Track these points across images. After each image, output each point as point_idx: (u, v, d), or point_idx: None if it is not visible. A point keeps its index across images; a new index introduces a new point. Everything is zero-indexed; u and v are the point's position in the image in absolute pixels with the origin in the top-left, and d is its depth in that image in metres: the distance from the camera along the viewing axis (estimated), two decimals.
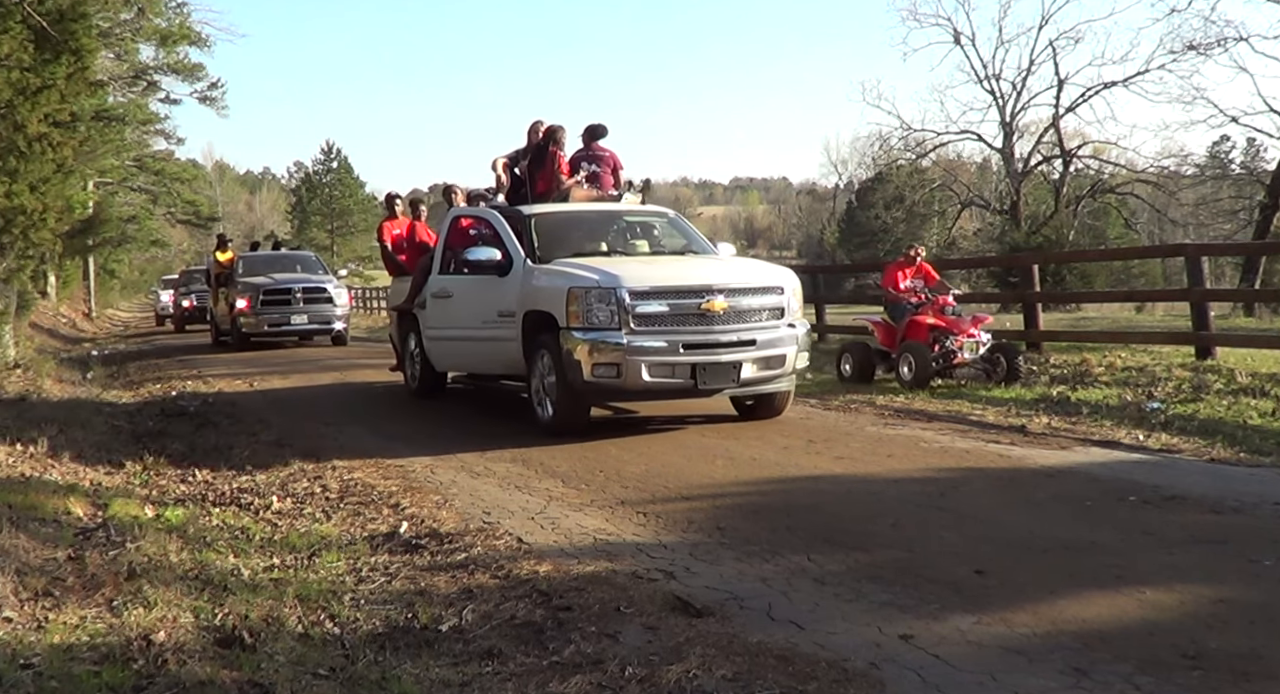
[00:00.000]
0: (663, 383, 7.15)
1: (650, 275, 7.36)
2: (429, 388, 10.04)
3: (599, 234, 8.84)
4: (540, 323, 7.59)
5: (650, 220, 9.30)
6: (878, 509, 5.28)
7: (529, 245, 8.18)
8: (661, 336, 7.12)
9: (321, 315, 18.73)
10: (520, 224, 8.45)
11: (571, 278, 7.34)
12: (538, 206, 8.94)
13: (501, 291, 8.14)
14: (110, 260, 43.59)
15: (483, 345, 8.51)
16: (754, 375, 7.36)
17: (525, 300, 7.84)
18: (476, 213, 9.26)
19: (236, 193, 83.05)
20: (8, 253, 12.28)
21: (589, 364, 7.07)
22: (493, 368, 8.79)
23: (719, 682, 3.17)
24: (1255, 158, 42.42)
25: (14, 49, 11.06)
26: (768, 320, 7.48)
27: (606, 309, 7.07)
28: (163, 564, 4.41)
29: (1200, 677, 3.11)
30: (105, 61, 25.09)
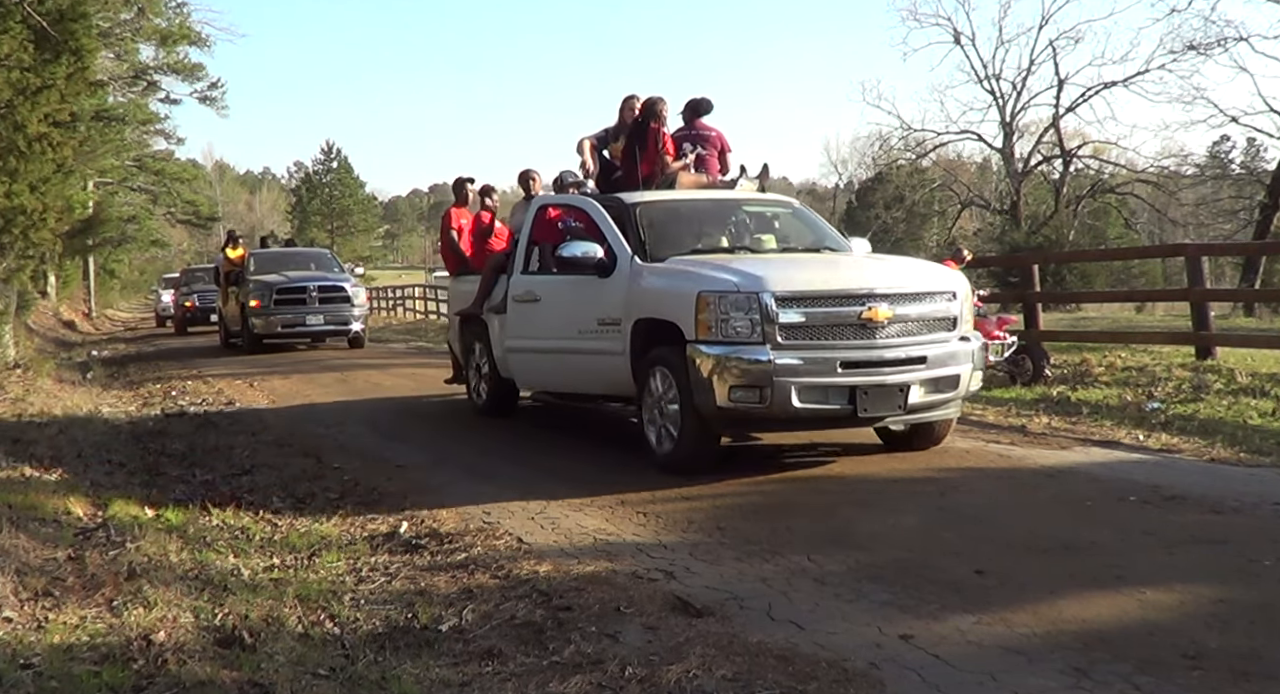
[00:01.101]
0: (815, 409, 5.82)
1: (798, 277, 6.07)
2: (498, 405, 8.64)
3: (717, 227, 7.55)
4: (656, 334, 6.31)
5: (773, 211, 7.99)
6: (878, 509, 5.28)
7: (636, 240, 6.82)
8: (814, 352, 5.81)
9: (338, 316, 17.46)
10: (623, 215, 7.05)
11: (701, 279, 6.06)
12: (642, 194, 7.50)
13: (603, 295, 6.76)
14: (110, 260, 43.61)
15: (578, 360, 7.08)
16: (923, 400, 6.02)
17: (635, 306, 6.52)
18: (568, 202, 7.79)
19: (236, 193, 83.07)
20: (8, 253, 12.29)
21: (725, 386, 5.76)
22: (589, 387, 7.32)
23: (719, 682, 3.17)
24: (1255, 158, 42.46)
25: (14, 49, 11.07)
26: (938, 332, 6.14)
27: (746, 318, 5.76)
28: (163, 564, 4.41)
29: (1200, 677, 3.11)
30: (105, 61, 25.11)
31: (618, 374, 6.67)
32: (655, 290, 6.44)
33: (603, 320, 6.77)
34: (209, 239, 62.28)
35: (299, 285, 17.41)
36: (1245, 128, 34.37)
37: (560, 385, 7.64)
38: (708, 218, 7.62)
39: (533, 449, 7.41)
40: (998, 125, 37.77)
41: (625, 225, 6.95)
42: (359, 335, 17.86)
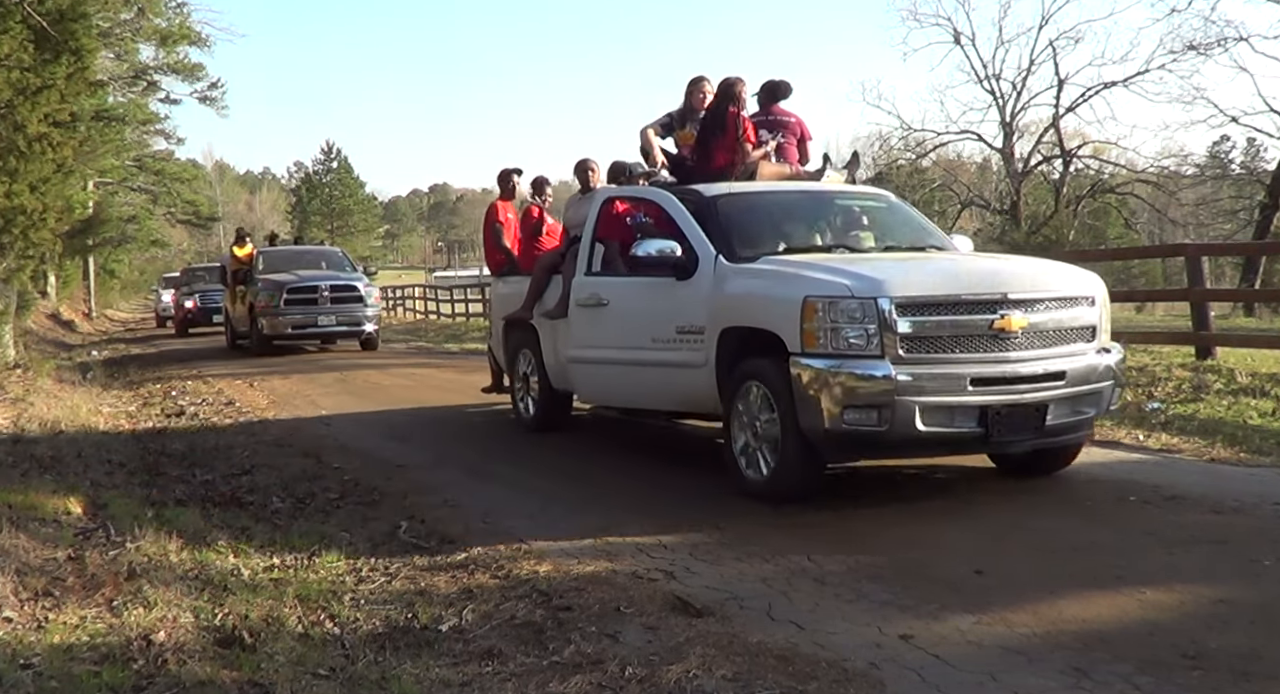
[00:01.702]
0: (941, 433, 5.08)
1: (919, 279, 5.38)
2: (548, 419, 7.90)
3: (808, 223, 6.74)
4: (748, 344, 5.57)
5: (867, 204, 7.08)
6: (876, 508, 5.28)
7: (720, 237, 6.04)
8: (940, 367, 5.08)
9: (351, 316, 16.80)
10: (703, 209, 6.29)
11: (806, 283, 5.28)
12: (723, 186, 6.65)
13: (682, 299, 6.01)
14: (110, 260, 43.60)
15: (651, 372, 6.30)
16: (1061, 421, 5.29)
17: (721, 313, 5.77)
18: (638, 194, 6.97)
19: (236, 193, 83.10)
20: (8, 253, 12.29)
21: (836, 405, 5.01)
22: (664, 403, 6.59)
23: (719, 682, 3.17)
24: (1255, 158, 42.44)
25: (14, 49, 11.07)
26: (1076, 343, 5.40)
27: (862, 327, 5.04)
28: (163, 564, 4.41)
29: (1200, 677, 3.11)
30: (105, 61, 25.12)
31: (699, 389, 5.94)
32: (748, 295, 5.68)
33: (682, 328, 6.02)
34: (209, 239, 62.34)
35: (310, 285, 16.75)
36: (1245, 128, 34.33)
37: (630, 400, 6.85)
38: (798, 213, 6.80)
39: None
40: (998, 125, 37.73)
41: (706, 221, 6.17)
42: (372, 337, 17.29)
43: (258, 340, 16.86)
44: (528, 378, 8.07)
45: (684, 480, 6.19)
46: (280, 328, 16.63)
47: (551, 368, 7.58)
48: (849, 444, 5.24)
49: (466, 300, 28.20)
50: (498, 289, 9.13)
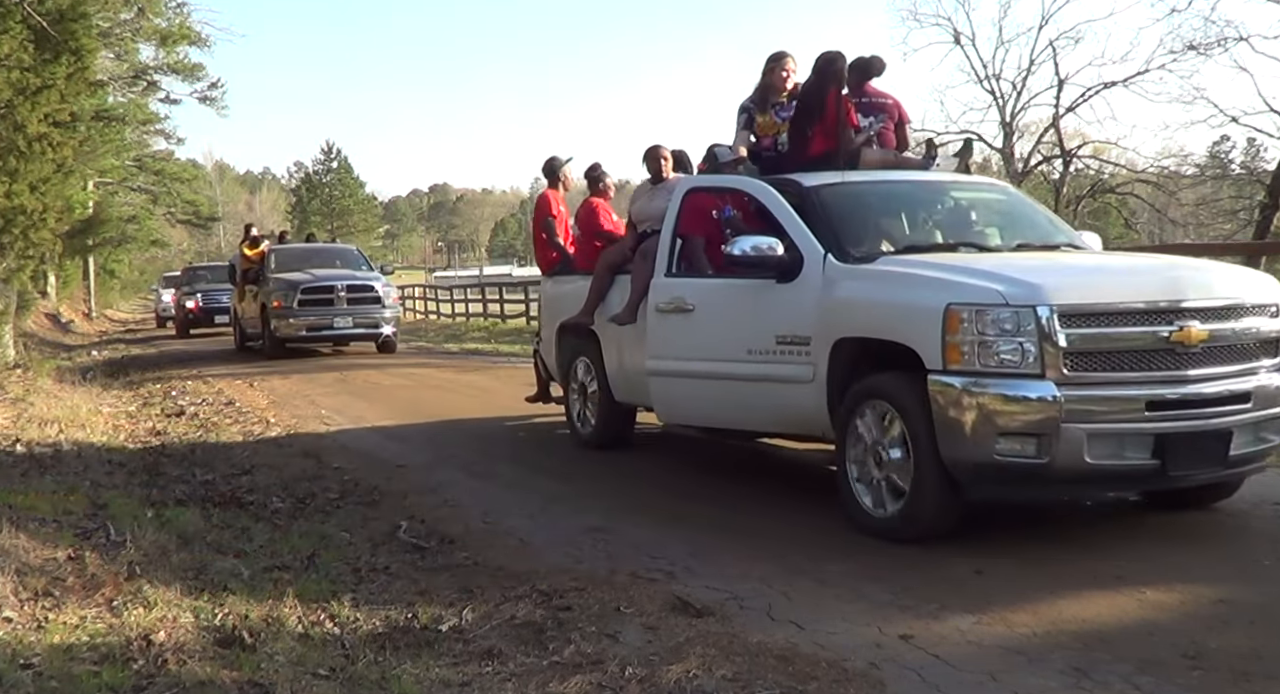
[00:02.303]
0: (1110, 466, 4.32)
1: (1081, 283, 4.65)
2: (609, 435, 7.15)
3: (925, 217, 6.02)
4: (869, 358, 4.87)
5: (987, 196, 6.35)
6: None
7: (828, 233, 5.29)
8: (1110, 388, 4.33)
9: (368, 317, 16.02)
10: (805, 201, 5.51)
11: (948, 287, 4.54)
12: (824, 176, 5.82)
13: (784, 305, 5.28)
14: (110, 260, 43.59)
15: (747, 388, 5.52)
16: (1245, 451, 4.52)
17: (834, 321, 5.03)
18: (726, 185, 6.24)
19: (236, 193, 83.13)
20: (8, 253, 12.29)
21: (988, 433, 4.29)
22: (761, 423, 5.84)
23: (719, 682, 3.17)
24: (1255, 158, 42.36)
25: (14, 49, 11.08)
26: (1260, 359, 4.61)
27: (1017, 340, 4.28)
28: (163, 564, 4.41)
29: (1200, 677, 3.11)
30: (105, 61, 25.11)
31: (804, 408, 5.21)
32: (869, 301, 4.93)
33: (783, 338, 5.27)
34: (209, 239, 62.32)
35: (326, 284, 15.91)
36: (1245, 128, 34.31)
37: (719, 419, 5.98)
38: (911, 206, 6.04)
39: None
40: (998, 125, 37.68)
41: (808, 215, 5.42)
42: (390, 339, 16.46)
43: (270, 343, 16.05)
44: (585, 389, 7.30)
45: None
46: (294, 330, 15.84)
47: (615, 379, 6.86)
48: (1000, 479, 4.40)
49: (466, 300, 28.20)
50: (549, 290, 8.18)
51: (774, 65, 6.47)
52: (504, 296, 26.77)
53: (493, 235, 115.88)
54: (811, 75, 6.15)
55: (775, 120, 6.39)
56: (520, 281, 30.52)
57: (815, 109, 6.09)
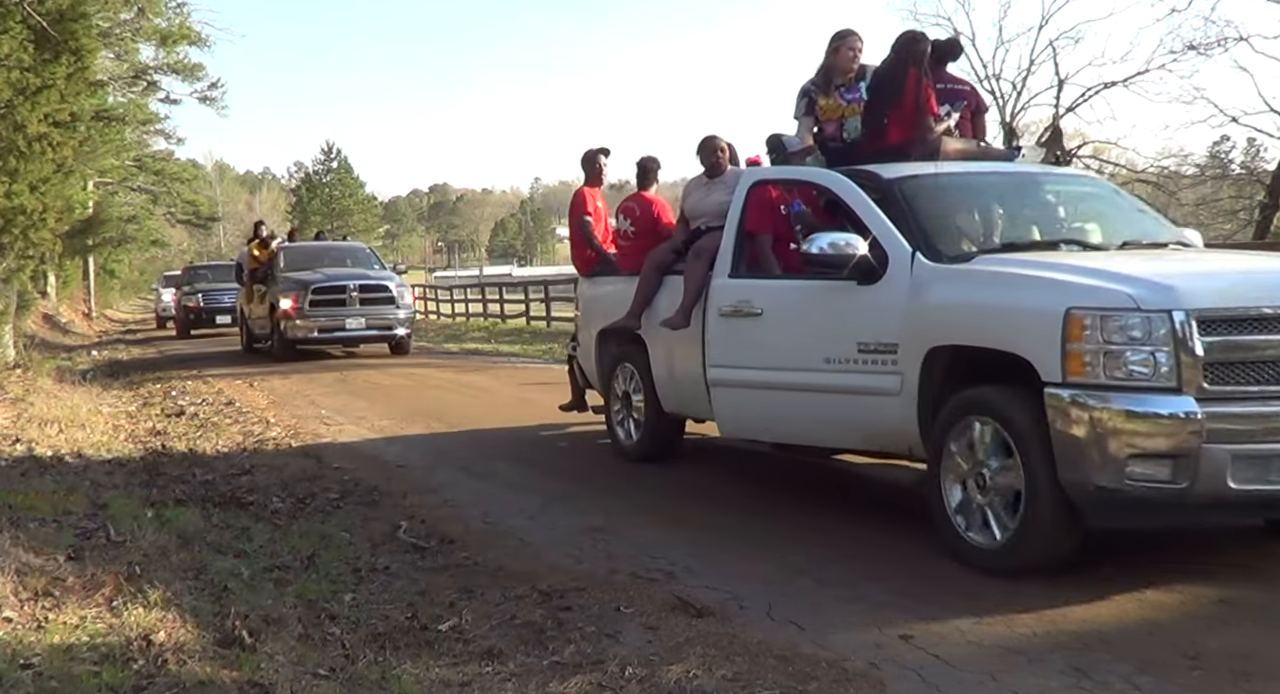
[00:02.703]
0: (1256, 491, 3.82)
1: (1217, 285, 4.13)
2: (656, 447, 6.67)
3: (1018, 212, 5.54)
4: (969, 369, 4.40)
5: (1081, 190, 5.88)
6: (879, 509, 5.28)
7: (914, 230, 4.82)
8: (1256, 403, 3.84)
9: (381, 319, 15.37)
10: (887, 195, 5.06)
11: (1066, 289, 4.08)
12: (905, 167, 5.34)
13: (867, 309, 4.81)
14: (110, 260, 43.59)
15: (824, 400, 5.05)
16: None
17: (927, 326, 4.54)
18: (799, 177, 5.73)
19: (236, 193, 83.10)
20: (8, 253, 12.29)
21: (1117, 455, 3.81)
22: (840, 439, 5.30)
23: (719, 682, 3.17)
24: (1255, 158, 42.32)
25: (14, 49, 11.07)
26: None
27: (1149, 349, 3.82)
28: (163, 564, 4.41)
29: (1200, 677, 3.11)
30: (105, 61, 25.11)
31: (890, 424, 4.73)
32: (970, 305, 4.43)
33: (866, 345, 4.78)
34: (209, 239, 62.31)
35: (338, 284, 15.29)
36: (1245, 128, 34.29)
37: (792, 434, 5.49)
38: (1002, 200, 5.53)
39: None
40: (998, 125, 37.71)
41: (893, 210, 4.96)
42: (404, 341, 15.81)
43: (280, 344, 15.37)
44: (629, 398, 6.81)
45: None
46: (305, 331, 15.17)
47: (663, 387, 6.38)
48: (1129, 505, 3.90)
49: (466, 300, 28.21)
50: (587, 292, 7.65)
51: (839, 44, 6.01)
52: (504, 297, 26.79)
53: (493, 235, 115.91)
54: (889, 56, 5.64)
55: (839, 103, 5.95)
56: (520, 281, 30.55)
57: (892, 94, 5.57)
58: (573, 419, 8.00)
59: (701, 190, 6.52)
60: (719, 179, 6.40)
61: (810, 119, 5.99)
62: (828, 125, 5.97)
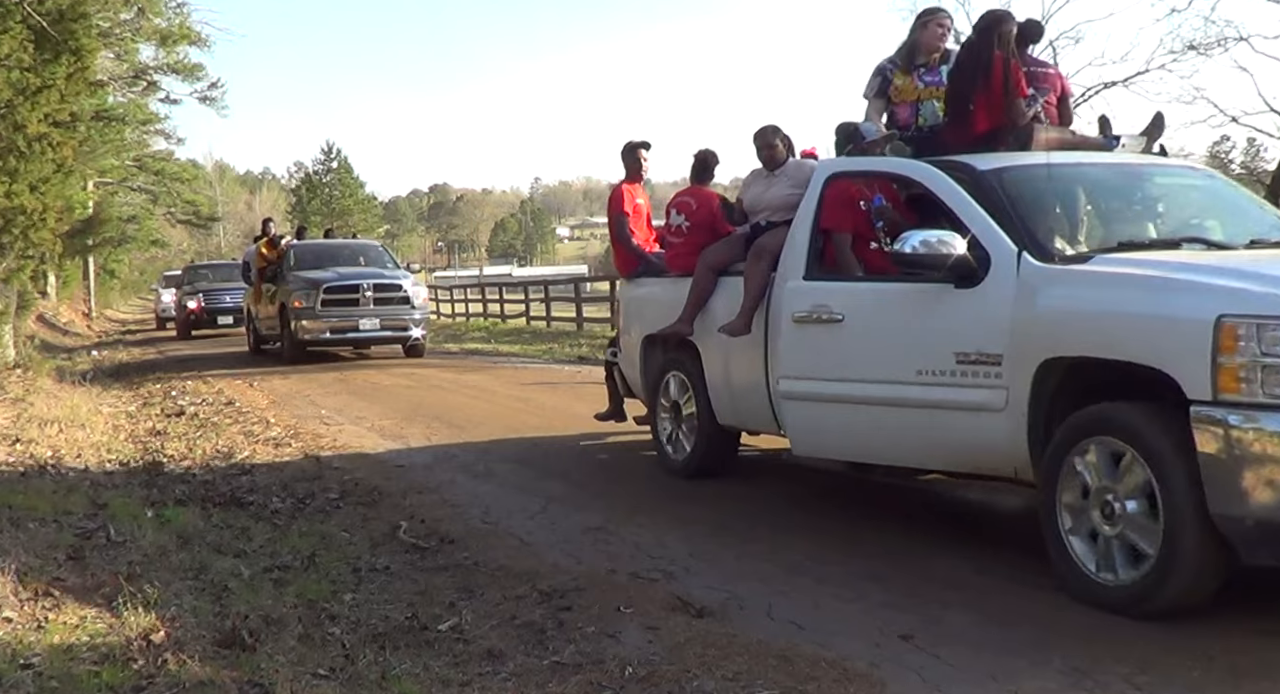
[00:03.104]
0: None
1: None
2: (709, 462, 6.14)
3: (1129, 207, 5.08)
4: (1090, 383, 3.95)
5: (1190, 182, 5.39)
6: (879, 508, 5.28)
7: (1018, 227, 4.33)
8: None
9: (396, 319, 14.76)
10: (983, 188, 4.56)
11: (1214, 294, 3.60)
12: (1001, 158, 4.87)
13: (966, 315, 4.31)
14: (110, 260, 43.61)
15: (916, 416, 4.51)
16: None
17: (1039, 335, 4.04)
18: (884, 169, 5.22)
19: (236, 193, 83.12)
20: (8, 253, 12.29)
21: None
22: (934, 458, 4.69)
23: (719, 682, 3.17)
24: (1255, 158, 42.31)
25: (14, 49, 11.07)
26: None
27: None
28: (163, 564, 4.41)
29: (1200, 677, 3.11)
30: (105, 61, 25.10)
31: (994, 443, 4.22)
32: (1092, 312, 3.93)
33: (966, 356, 4.27)
34: (209, 239, 62.31)
35: (351, 283, 14.66)
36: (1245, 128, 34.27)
37: (877, 453, 4.91)
38: (1112, 193, 5.05)
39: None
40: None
41: (991, 205, 4.46)
42: (418, 343, 15.15)
43: (290, 346, 14.72)
44: (678, 409, 6.32)
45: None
46: (316, 332, 14.51)
47: (719, 398, 5.89)
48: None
49: (466, 300, 28.22)
50: (629, 294, 7.13)
51: (927, 19, 5.66)
52: (504, 297, 26.81)
53: (493, 235, 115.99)
54: (973, 36, 5.24)
55: (916, 85, 5.56)
56: (520, 282, 30.57)
57: (979, 77, 5.11)
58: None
59: (761, 183, 6.02)
60: (780, 171, 5.92)
61: (883, 101, 5.60)
62: (900, 109, 5.60)
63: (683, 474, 6.20)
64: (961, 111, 5.23)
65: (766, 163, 6.01)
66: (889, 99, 5.61)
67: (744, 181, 6.25)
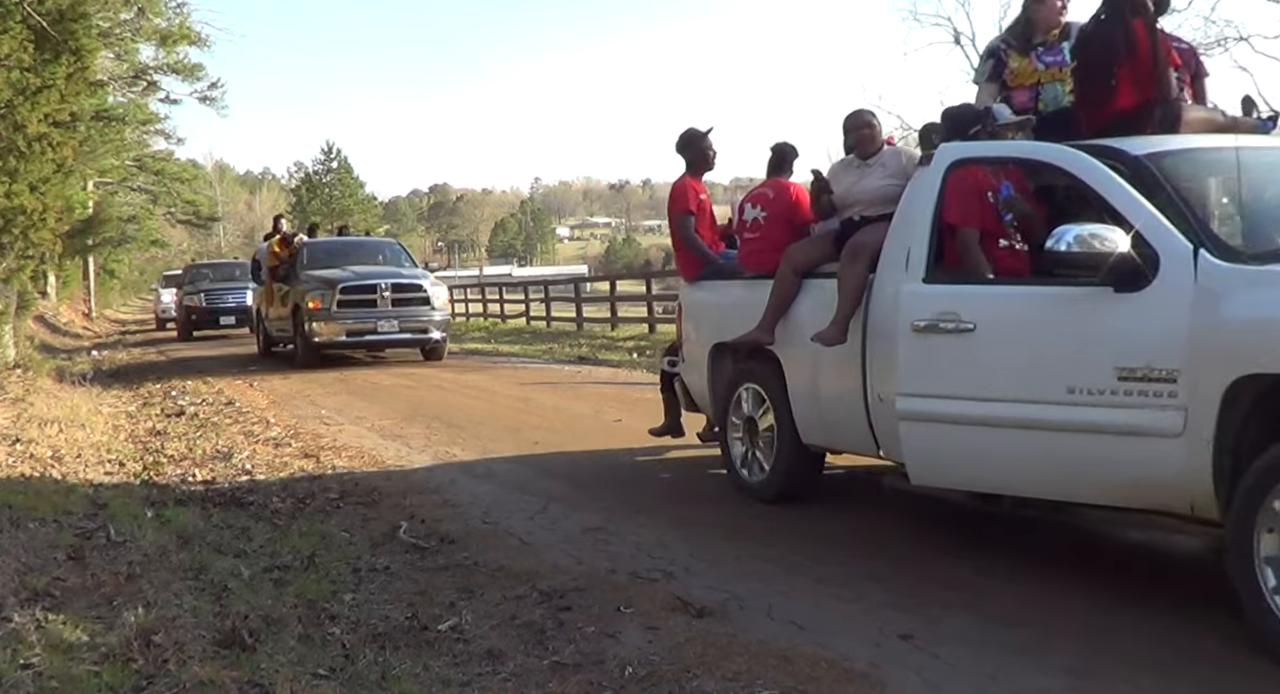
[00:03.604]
0: None
1: None
2: (791, 485, 5.47)
3: None
4: None
5: None
6: (879, 508, 5.28)
7: (1192, 221, 3.76)
8: None
9: (415, 321, 13.99)
10: (1142, 176, 3.96)
11: None
12: (1155, 141, 4.29)
13: (1130, 323, 3.73)
14: (110, 260, 43.63)
15: (1068, 442, 3.89)
16: None
17: (1226, 348, 3.45)
18: (1020, 154, 4.58)
19: (236, 193, 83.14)
20: (8, 253, 12.29)
21: None
22: (1088, 491, 3.99)
23: (719, 682, 3.17)
24: None
25: (14, 49, 11.07)
26: None
27: None
28: (163, 564, 4.42)
29: (1200, 676, 3.11)
30: (105, 61, 25.10)
31: (1170, 473, 3.60)
32: None
33: (1132, 371, 3.67)
34: (209, 239, 62.33)
35: (369, 283, 13.92)
36: None
37: (1016, 483, 4.19)
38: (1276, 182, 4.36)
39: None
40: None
41: (1153, 195, 3.88)
42: (438, 346, 14.40)
43: (303, 349, 14.00)
44: (754, 426, 5.61)
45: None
46: (332, 333, 13.78)
47: (805, 415, 5.23)
48: None
49: (466, 300, 28.22)
50: (694, 298, 6.39)
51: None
52: (504, 297, 26.81)
53: (493, 235, 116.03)
54: (1102, 8, 4.67)
55: (1035, 66, 5.08)
56: (520, 282, 30.55)
57: (1121, 46, 4.52)
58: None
59: (852, 174, 5.30)
60: (875, 159, 5.26)
61: (995, 85, 5.06)
62: (1018, 93, 5.05)
63: (761, 498, 5.52)
64: (1099, 88, 4.59)
65: (860, 150, 5.32)
66: (1004, 83, 5.07)
67: (831, 172, 5.45)
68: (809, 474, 5.53)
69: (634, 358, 14.14)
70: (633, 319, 19.59)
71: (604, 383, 11.42)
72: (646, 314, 18.98)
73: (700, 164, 6.45)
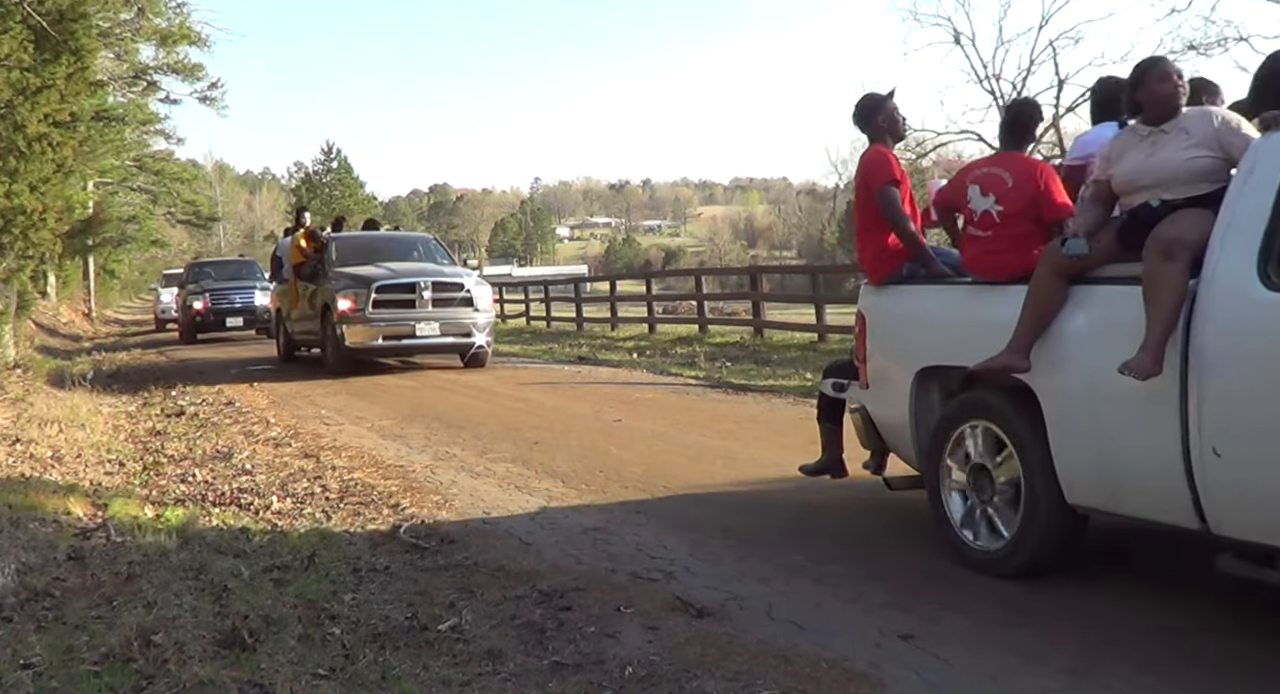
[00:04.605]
0: None
1: None
2: (1044, 555, 4.05)
3: None
4: None
5: None
6: (879, 509, 5.28)
7: None
8: None
9: (457, 323, 12.59)
10: None
11: None
12: None
13: None
14: (110, 260, 43.61)
15: None
16: None
17: None
18: None
19: (236, 193, 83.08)
20: (8, 253, 12.28)
21: None
22: None
23: (719, 682, 3.17)
24: None
25: (14, 49, 11.07)
26: None
27: None
28: (163, 564, 4.41)
29: (1200, 677, 3.11)
30: (105, 61, 25.10)
31: None
32: None
33: None
34: (209, 239, 62.35)
35: (407, 282, 12.59)
36: None
37: None
38: None
39: None
40: (998, 125, 37.66)
41: None
42: (481, 351, 13.00)
43: (335, 354, 12.63)
44: (987, 476, 4.26)
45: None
46: (366, 337, 12.41)
47: (1072, 467, 3.86)
48: None
49: None
50: (888, 304, 4.94)
51: None
52: (504, 297, 26.79)
53: (493, 235, 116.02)
54: None
55: None
56: (520, 282, 30.53)
57: None
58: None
59: (1141, 148, 3.91)
60: (1173, 124, 3.86)
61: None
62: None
63: (1000, 571, 4.11)
64: None
65: (1153, 111, 3.90)
66: None
67: (1111, 148, 4.06)
68: (1069, 542, 4.09)
69: (634, 358, 14.15)
70: (633, 319, 19.59)
71: (604, 383, 11.43)
72: (646, 314, 18.99)
73: (893, 131, 5.19)
